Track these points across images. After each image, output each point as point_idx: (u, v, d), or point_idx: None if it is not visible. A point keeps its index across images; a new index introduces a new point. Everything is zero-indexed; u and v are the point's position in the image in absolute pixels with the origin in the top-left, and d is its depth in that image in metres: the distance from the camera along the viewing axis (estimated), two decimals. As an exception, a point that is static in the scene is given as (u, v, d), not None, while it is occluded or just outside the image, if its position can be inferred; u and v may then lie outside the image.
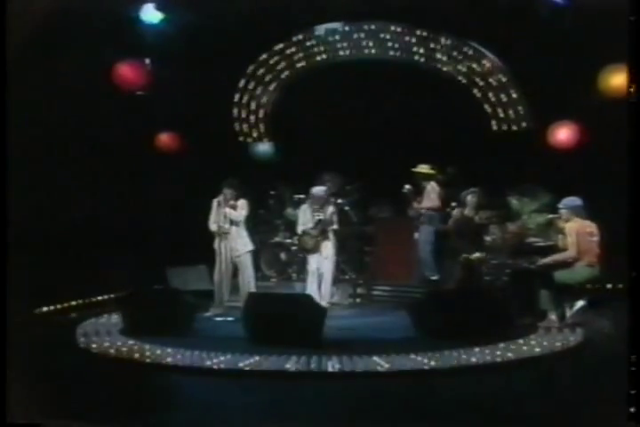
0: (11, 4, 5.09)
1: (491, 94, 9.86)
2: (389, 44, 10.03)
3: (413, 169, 9.14)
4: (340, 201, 9.49)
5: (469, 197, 8.57)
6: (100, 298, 8.82)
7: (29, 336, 6.09)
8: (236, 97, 10.68)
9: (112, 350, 6.17)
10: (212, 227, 8.05)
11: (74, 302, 8.50)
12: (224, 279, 8.03)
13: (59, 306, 8.28)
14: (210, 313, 8.00)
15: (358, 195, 9.86)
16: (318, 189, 8.68)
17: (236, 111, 10.73)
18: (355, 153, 10.05)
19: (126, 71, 8.59)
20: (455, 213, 8.68)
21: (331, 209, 8.62)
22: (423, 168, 9.16)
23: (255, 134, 10.93)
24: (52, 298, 8.12)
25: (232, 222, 7.97)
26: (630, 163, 4.66)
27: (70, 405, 4.73)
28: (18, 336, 5.15)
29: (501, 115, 9.81)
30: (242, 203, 8.10)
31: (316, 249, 8.43)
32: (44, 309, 8.01)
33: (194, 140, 9.91)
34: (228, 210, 8.01)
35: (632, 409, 4.15)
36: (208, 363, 5.72)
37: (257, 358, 5.79)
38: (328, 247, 8.48)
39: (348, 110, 10.12)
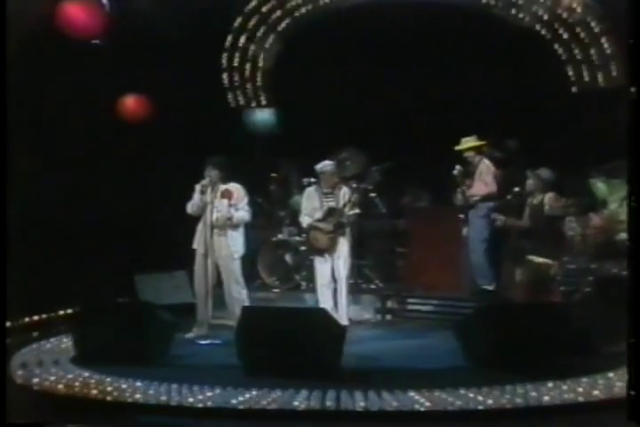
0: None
1: (567, 39, 9.77)
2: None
3: (457, 147, 9.11)
4: (363, 186, 9.47)
5: (529, 181, 8.56)
6: (44, 316, 8.81)
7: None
8: (226, 48, 10.71)
9: (60, 385, 6.16)
10: (190, 208, 8.07)
11: (8, 323, 8.49)
12: (209, 289, 8.06)
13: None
14: (192, 334, 8.04)
15: (387, 178, 9.85)
16: (326, 164, 8.64)
17: (224, 62, 10.75)
18: (383, 124, 10.06)
19: (76, 11, 8.58)
20: (520, 201, 8.66)
21: (345, 192, 8.59)
22: (468, 142, 9.11)
23: (251, 98, 10.93)
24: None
25: (229, 220, 8.01)
26: None
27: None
28: None
29: (585, 72, 9.76)
30: (236, 189, 8.11)
31: (331, 249, 8.44)
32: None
33: (168, 106, 9.90)
34: (223, 202, 8.01)
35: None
36: (191, 400, 5.72)
37: (255, 392, 5.81)
38: (343, 245, 8.49)
39: (374, 68, 10.10)
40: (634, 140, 4.94)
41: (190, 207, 8.09)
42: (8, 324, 8.18)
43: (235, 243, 8.14)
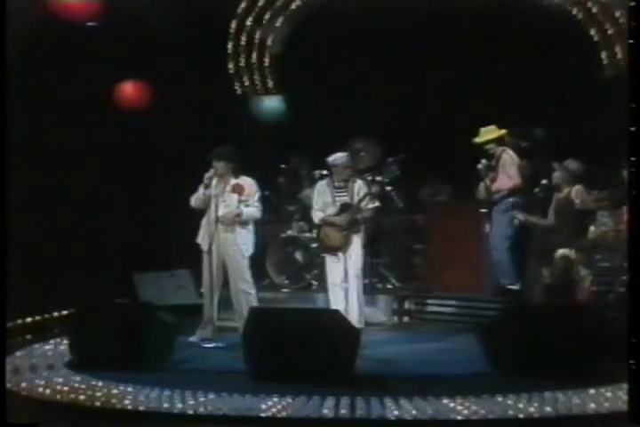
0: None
1: (599, 21, 9.65)
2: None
3: (476, 140, 9.03)
4: (378, 179, 9.44)
5: (556, 173, 8.49)
6: (37, 318, 8.82)
7: None
8: (232, 30, 10.66)
9: (55, 391, 6.14)
10: (193, 202, 8.05)
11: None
12: (215, 289, 8.03)
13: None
14: (196, 337, 8.02)
15: (404, 170, 9.79)
16: (338, 157, 8.57)
17: (230, 49, 10.70)
18: (398, 112, 10.00)
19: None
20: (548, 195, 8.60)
21: (360, 186, 8.53)
22: (488, 133, 9.00)
23: (259, 85, 10.91)
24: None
25: (237, 216, 7.98)
26: None
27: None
28: None
29: (618, 50, 9.61)
30: (248, 184, 8.06)
31: (344, 247, 8.39)
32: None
33: (169, 92, 9.89)
34: (233, 196, 7.97)
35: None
36: (195, 407, 5.69)
37: (264, 399, 5.77)
38: (355, 242, 8.44)
39: (391, 52, 10.05)
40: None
41: (194, 201, 8.07)
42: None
43: (244, 241, 8.10)
